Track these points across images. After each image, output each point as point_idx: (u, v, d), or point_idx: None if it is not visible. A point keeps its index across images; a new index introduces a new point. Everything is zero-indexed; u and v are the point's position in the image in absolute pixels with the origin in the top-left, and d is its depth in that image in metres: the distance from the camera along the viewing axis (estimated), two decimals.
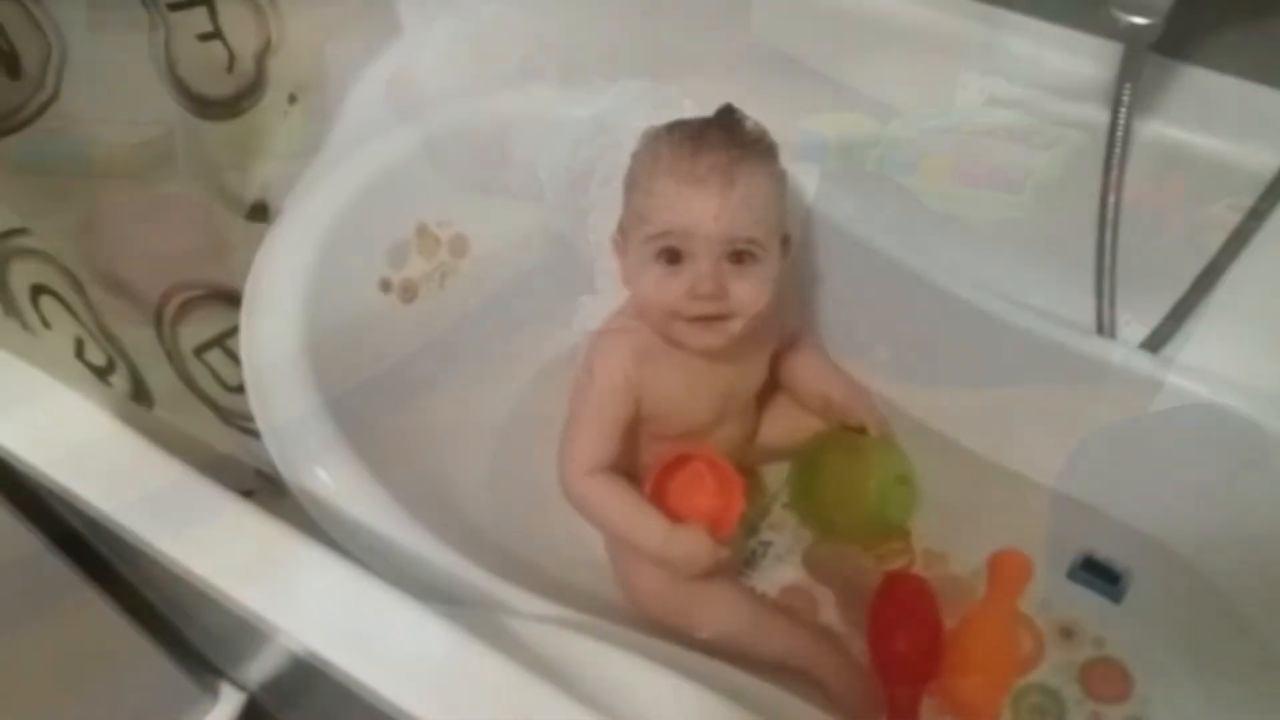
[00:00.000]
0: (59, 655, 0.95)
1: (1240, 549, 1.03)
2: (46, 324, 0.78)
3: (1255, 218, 0.93)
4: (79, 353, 0.79)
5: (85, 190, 0.92)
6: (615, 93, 1.15)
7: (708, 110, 0.98)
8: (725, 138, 0.94)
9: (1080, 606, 1.06)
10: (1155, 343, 1.03)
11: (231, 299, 1.00)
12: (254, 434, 0.93)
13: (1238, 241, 0.95)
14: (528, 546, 1.07)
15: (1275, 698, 0.99)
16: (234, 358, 0.99)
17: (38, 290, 0.80)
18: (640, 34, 1.18)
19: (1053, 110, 1.00)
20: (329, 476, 0.88)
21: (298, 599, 0.69)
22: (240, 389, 0.95)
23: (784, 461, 1.15)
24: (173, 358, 0.96)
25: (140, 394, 0.84)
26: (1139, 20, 0.84)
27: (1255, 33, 0.93)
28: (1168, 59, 0.97)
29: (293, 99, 1.11)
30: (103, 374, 0.80)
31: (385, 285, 1.09)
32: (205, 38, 1.01)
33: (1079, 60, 0.99)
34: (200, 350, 0.99)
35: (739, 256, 0.94)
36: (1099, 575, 1.07)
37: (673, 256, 0.94)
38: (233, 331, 0.99)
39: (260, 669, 1.00)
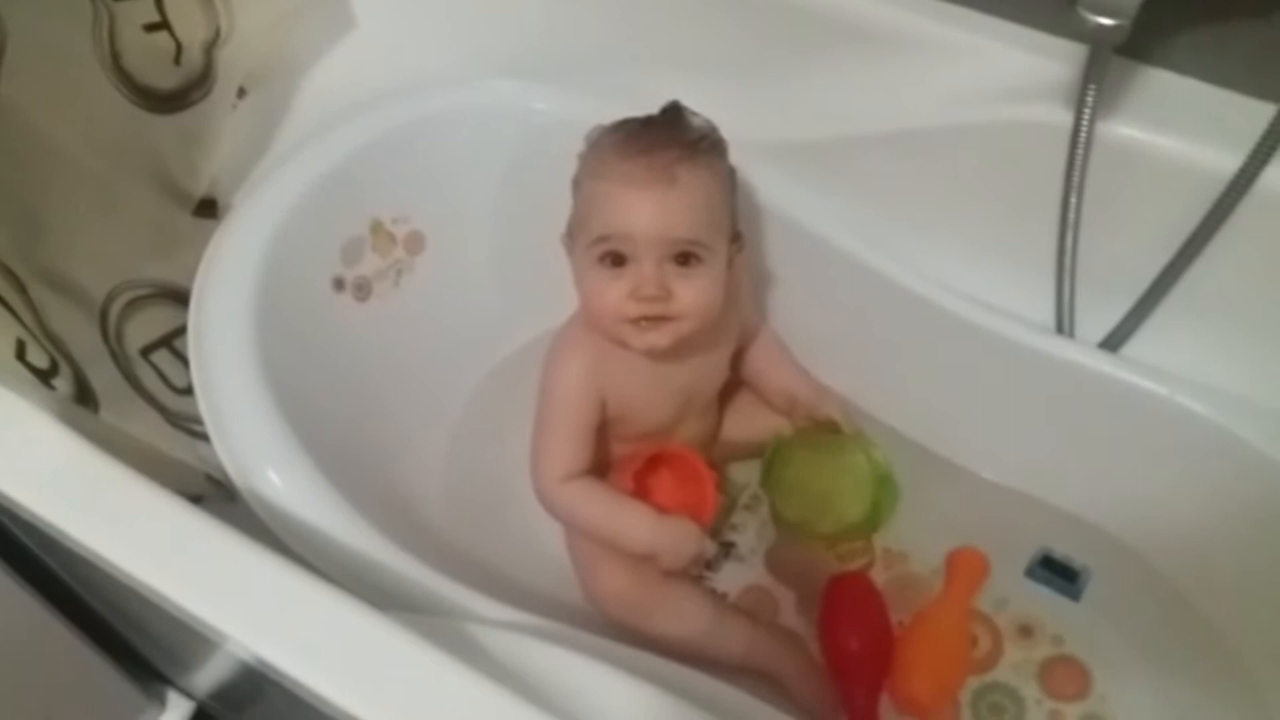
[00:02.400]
0: None
1: (1197, 546, 1.04)
2: None
3: (1214, 219, 0.94)
4: (20, 354, 0.76)
5: (26, 185, 0.89)
6: (573, 87, 1.13)
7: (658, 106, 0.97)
8: (668, 137, 0.93)
9: (1039, 605, 1.07)
10: (1114, 342, 1.04)
11: (179, 298, 0.98)
12: (203, 437, 0.91)
13: (1197, 242, 0.95)
14: (484, 548, 1.06)
15: (1231, 694, 1.00)
16: (182, 359, 0.97)
17: None
18: (599, 28, 1.17)
19: (1015, 110, 1.00)
20: (280, 479, 0.86)
21: (247, 606, 0.68)
22: (189, 391, 0.93)
23: (747, 459, 1.15)
24: (118, 359, 0.93)
25: (85, 397, 0.82)
26: (1107, 22, 0.84)
27: (1217, 36, 0.94)
28: (1131, 60, 0.98)
29: (242, 92, 1.09)
30: (45, 376, 0.77)
31: (339, 283, 1.07)
32: (152, 28, 0.99)
33: (1043, 61, 0.99)
34: (147, 351, 0.97)
35: (684, 258, 0.92)
36: (1057, 573, 1.08)
37: (616, 260, 0.93)
38: (180, 331, 0.96)
39: (209, 677, 0.99)
